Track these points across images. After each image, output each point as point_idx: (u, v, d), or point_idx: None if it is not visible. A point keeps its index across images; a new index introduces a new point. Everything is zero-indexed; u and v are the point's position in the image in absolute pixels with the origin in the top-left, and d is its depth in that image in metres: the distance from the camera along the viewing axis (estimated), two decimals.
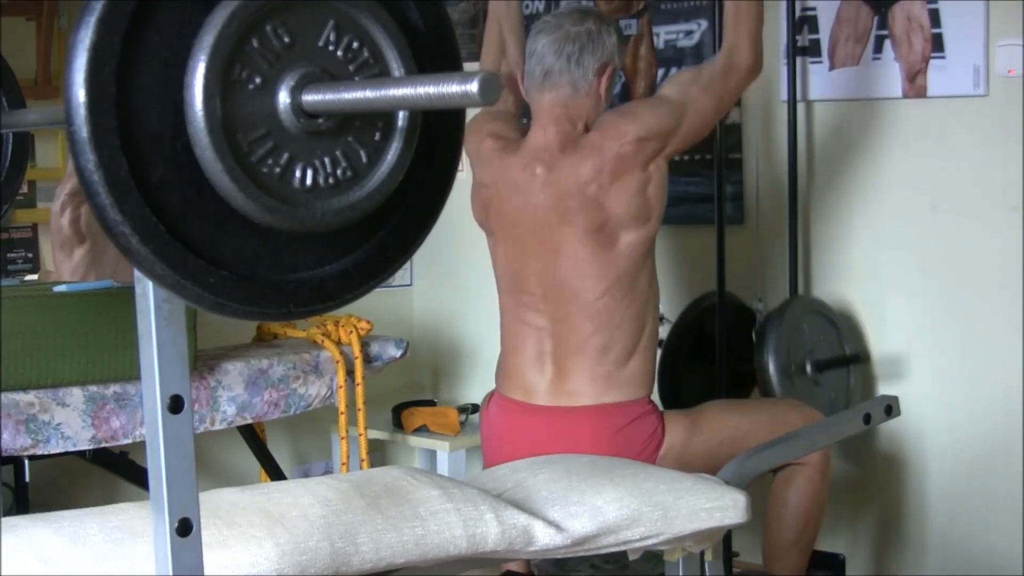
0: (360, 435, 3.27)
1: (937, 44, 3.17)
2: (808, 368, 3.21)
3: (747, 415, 2.78)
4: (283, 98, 1.19)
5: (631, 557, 2.15)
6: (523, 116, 2.93)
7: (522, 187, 2.67)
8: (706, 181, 3.50)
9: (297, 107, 1.19)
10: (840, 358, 3.27)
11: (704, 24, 3.58)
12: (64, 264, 3.34)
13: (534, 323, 2.69)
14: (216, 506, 1.72)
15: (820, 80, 3.39)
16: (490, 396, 2.83)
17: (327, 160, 1.22)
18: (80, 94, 1.10)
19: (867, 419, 2.70)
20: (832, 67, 3.37)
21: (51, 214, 3.44)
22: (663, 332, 2.91)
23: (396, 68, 1.25)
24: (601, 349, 2.62)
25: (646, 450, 2.57)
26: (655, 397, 2.76)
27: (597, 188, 2.58)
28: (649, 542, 2.07)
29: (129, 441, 2.82)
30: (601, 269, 2.61)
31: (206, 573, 1.34)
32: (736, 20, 2.68)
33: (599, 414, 2.61)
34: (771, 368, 3.13)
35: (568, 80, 2.65)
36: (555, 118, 2.66)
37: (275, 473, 3.42)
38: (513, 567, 2.72)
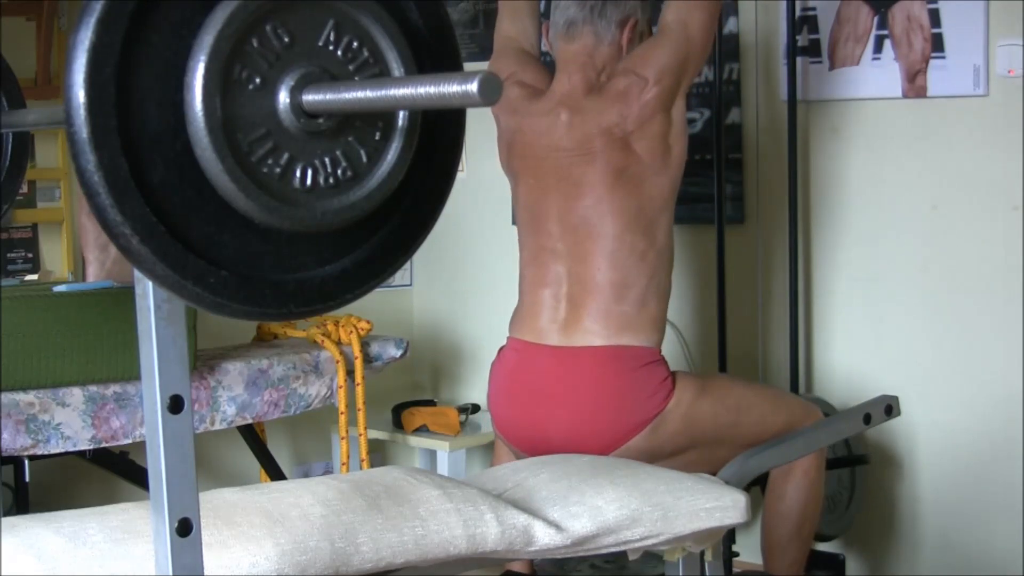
0: (360, 435, 3.27)
1: (937, 44, 3.17)
2: None
3: (753, 389, 2.80)
4: (283, 98, 1.19)
5: (631, 557, 2.15)
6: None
7: (546, 131, 2.69)
8: (706, 181, 3.50)
9: (297, 107, 1.19)
10: (844, 458, 3.24)
11: None
12: (89, 228, 3.31)
13: (551, 266, 2.68)
14: (216, 506, 1.72)
15: (820, 80, 3.39)
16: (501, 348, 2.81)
17: (327, 160, 1.22)
18: (80, 95, 1.10)
19: (867, 419, 2.70)
20: (832, 67, 3.37)
21: None
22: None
23: (396, 68, 1.25)
24: (618, 288, 2.61)
25: (655, 396, 2.55)
26: None
27: (622, 132, 2.60)
28: (649, 542, 2.07)
29: (129, 441, 2.82)
30: (621, 207, 2.61)
31: (206, 573, 1.34)
32: None
33: (609, 355, 2.59)
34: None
35: (592, 30, 2.69)
36: (580, 65, 2.70)
37: (275, 473, 3.42)
38: (514, 567, 2.72)
